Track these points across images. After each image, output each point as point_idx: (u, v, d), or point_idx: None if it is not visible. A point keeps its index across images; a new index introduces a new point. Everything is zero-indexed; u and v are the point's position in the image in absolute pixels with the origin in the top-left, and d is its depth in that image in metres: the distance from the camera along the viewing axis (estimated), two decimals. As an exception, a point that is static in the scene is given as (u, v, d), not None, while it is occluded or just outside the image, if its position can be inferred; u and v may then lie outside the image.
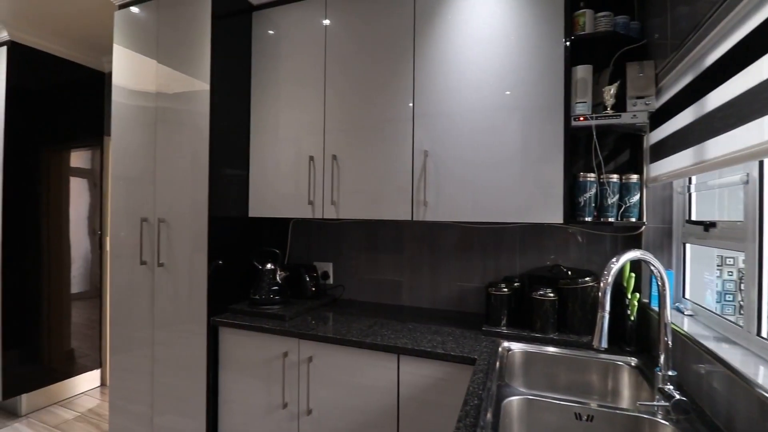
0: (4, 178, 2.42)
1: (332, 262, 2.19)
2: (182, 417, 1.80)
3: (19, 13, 2.30)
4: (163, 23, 1.87)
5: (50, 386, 2.68)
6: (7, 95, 2.42)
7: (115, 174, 1.98)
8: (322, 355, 1.56)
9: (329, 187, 1.80)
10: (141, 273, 1.89)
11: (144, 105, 1.91)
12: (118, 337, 1.97)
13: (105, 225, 2.97)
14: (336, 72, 1.81)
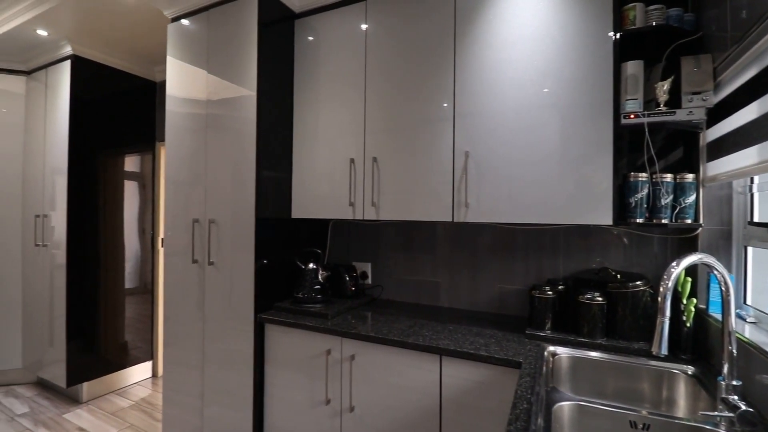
0: (69, 181, 2.62)
1: (370, 262, 2.23)
2: (230, 410, 1.88)
3: (81, 30, 2.49)
4: (213, 34, 1.97)
5: (107, 376, 2.87)
6: (71, 105, 2.62)
7: (169, 178, 2.11)
8: (364, 354, 1.59)
9: (369, 189, 1.83)
10: (193, 271, 1.99)
11: (195, 112, 2.02)
12: (170, 331, 2.09)
13: (156, 225, 3.15)
14: (376, 74, 1.84)
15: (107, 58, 2.81)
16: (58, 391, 2.84)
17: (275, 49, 1.95)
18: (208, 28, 1.99)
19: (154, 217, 3.15)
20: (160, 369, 3.17)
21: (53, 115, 2.73)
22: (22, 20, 2.37)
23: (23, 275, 2.93)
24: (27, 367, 2.94)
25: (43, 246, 2.77)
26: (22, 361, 2.95)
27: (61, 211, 2.65)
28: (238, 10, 1.89)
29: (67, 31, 2.50)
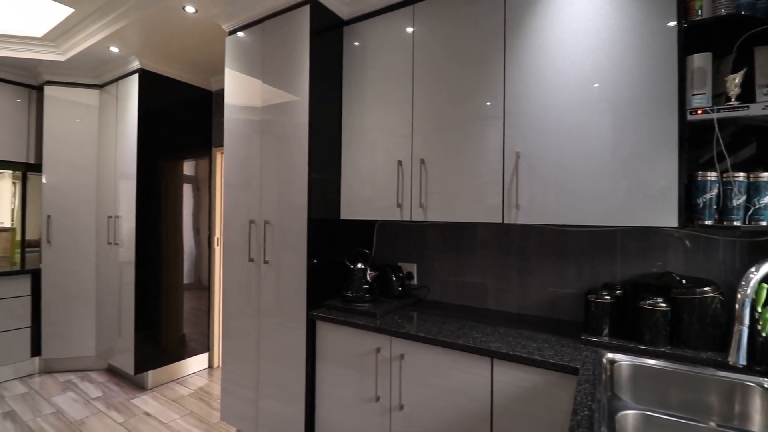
0: (137, 185, 2.85)
1: (416, 263, 2.25)
2: (283, 403, 1.97)
3: (147, 45, 2.70)
4: (267, 45, 2.07)
5: (168, 366, 3.09)
6: (139, 115, 2.86)
7: (227, 181, 2.24)
8: (413, 354, 1.61)
9: (417, 190, 1.85)
10: (249, 269, 2.11)
11: (250, 119, 2.13)
12: (228, 326, 2.22)
13: (213, 225, 3.35)
14: (423, 76, 1.85)
15: (169, 70, 3.03)
16: (126, 377, 3.10)
17: (325, 57, 2.02)
18: (263, 39, 2.10)
19: (211, 218, 3.35)
20: (216, 360, 3.37)
21: (123, 124, 2.98)
22: (97, 39, 2.61)
23: (97, 271, 3.22)
24: (99, 355, 3.23)
25: (115, 244, 3.03)
26: (95, 349, 3.24)
27: (130, 213, 2.89)
28: (291, 21, 1.98)
29: (136, 47, 2.72)
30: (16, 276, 3.04)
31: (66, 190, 3.18)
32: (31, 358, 3.14)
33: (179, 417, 2.55)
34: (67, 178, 3.18)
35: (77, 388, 2.94)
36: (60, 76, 3.17)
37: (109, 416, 2.54)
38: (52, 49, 2.94)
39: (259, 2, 2.06)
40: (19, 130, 3.29)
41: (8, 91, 3.22)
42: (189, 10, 2.22)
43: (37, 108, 3.33)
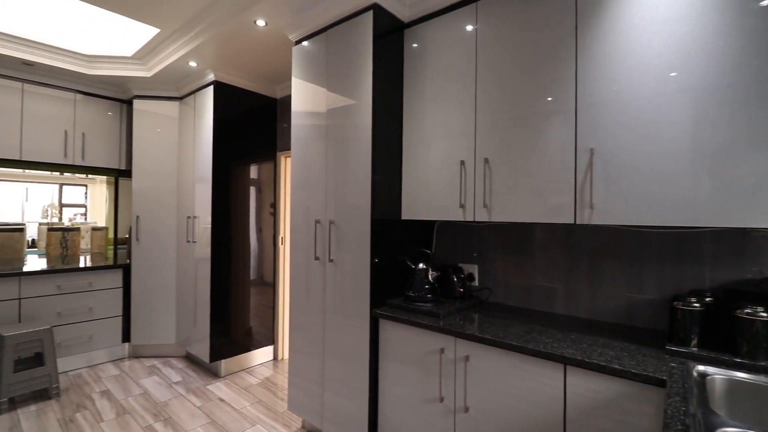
0: (212, 188, 3.09)
1: (477, 264, 2.21)
2: (347, 398, 2.04)
3: (221, 58, 2.92)
4: (331, 52, 2.16)
5: (238, 356, 3.31)
6: (214, 123, 3.09)
7: (294, 183, 2.36)
8: (479, 356, 1.59)
9: (481, 190, 1.82)
10: (314, 267, 2.21)
11: (316, 124, 2.23)
12: (295, 321, 2.34)
13: (278, 225, 3.54)
14: (487, 73, 1.82)
15: (239, 80, 3.25)
16: (202, 365, 3.36)
17: (386, 60, 2.05)
18: (327, 46, 2.18)
19: (276, 218, 3.54)
20: (280, 353, 3.55)
21: (199, 132, 3.25)
22: (178, 55, 2.87)
23: (177, 266, 3.54)
24: (179, 343, 3.54)
25: (193, 242, 3.31)
26: (175, 338, 3.56)
27: (206, 214, 3.14)
28: (354, 27, 2.04)
29: (211, 61, 2.95)
30: (110, 270, 3.43)
31: (151, 193, 3.53)
32: (122, 344, 3.52)
33: (249, 404, 2.72)
34: (153, 182, 3.53)
35: (160, 372, 3.25)
36: (146, 91, 3.52)
37: (188, 400, 2.78)
38: (140, 67, 3.28)
39: (325, 11, 2.14)
40: (112, 140, 3.71)
41: (103, 106, 3.64)
42: (260, 24, 2.36)
43: (127, 120, 3.73)
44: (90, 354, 3.33)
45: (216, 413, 2.60)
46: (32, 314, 3.01)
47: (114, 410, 2.62)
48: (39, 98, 3.29)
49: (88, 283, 3.28)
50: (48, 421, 2.46)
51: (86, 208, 9.43)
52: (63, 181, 9.09)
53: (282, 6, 2.18)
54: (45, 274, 3.07)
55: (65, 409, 2.61)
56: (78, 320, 3.23)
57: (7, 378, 2.58)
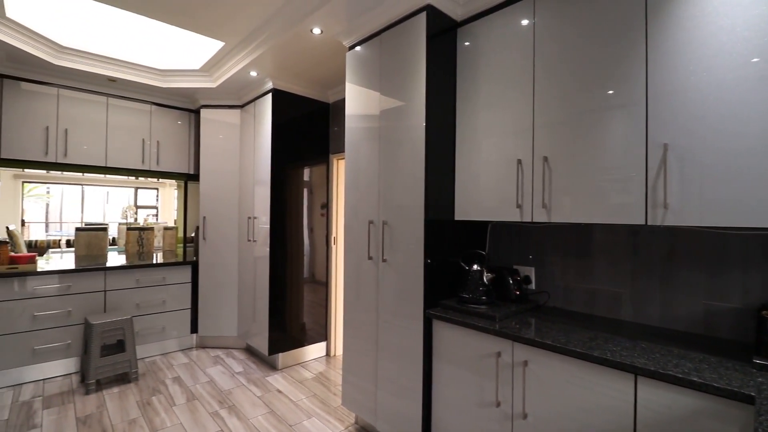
0: (271, 191, 3.26)
1: (534, 266, 2.14)
2: (400, 398, 2.06)
3: (279, 67, 3.07)
4: (384, 55, 2.19)
5: (293, 350, 3.46)
6: (272, 129, 3.26)
7: (348, 185, 2.43)
8: (539, 362, 1.54)
9: (540, 190, 1.76)
10: (368, 266, 2.25)
11: (369, 126, 2.28)
12: (348, 319, 2.40)
13: (330, 225, 3.65)
14: (546, 67, 1.76)
15: (295, 87, 3.40)
16: (261, 357, 3.55)
17: (439, 60, 2.05)
18: (380, 50, 2.22)
19: (328, 219, 3.66)
20: (333, 349, 3.66)
21: (259, 138, 3.44)
22: (240, 66, 3.06)
23: (238, 264, 3.77)
24: (240, 336, 3.76)
25: (253, 241, 3.51)
26: (237, 330, 3.79)
27: (265, 214, 3.32)
28: (407, 30, 2.06)
29: (270, 70, 3.12)
30: (181, 266, 3.72)
31: (216, 195, 3.79)
32: (190, 335, 3.81)
33: (305, 397, 2.83)
34: (217, 185, 3.79)
35: (224, 362, 3.48)
36: (212, 100, 3.79)
37: (249, 390, 2.95)
38: (206, 78, 3.54)
39: (378, 15, 2.18)
40: (182, 146, 4.03)
41: (174, 115, 3.97)
42: (316, 32, 2.46)
43: (195, 128, 4.04)
44: (163, 343, 3.64)
45: (275, 404, 2.73)
46: (115, 305, 3.35)
47: (184, 395, 2.85)
48: (120, 111, 3.65)
49: (162, 278, 3.59)
50: (129, 403, 2.73)
51: (157, 209, 10.33)
52: (137, 185, 10.03)
53: (338, 14, 2.25)
54: (126, 269, 3.41)
55: (143, 393, 2.88)
56: (153, 312, 3.55)
57: (95, 362, 2.89)
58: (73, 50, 3.11)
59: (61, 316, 3.10)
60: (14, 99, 3.14)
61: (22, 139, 3.18)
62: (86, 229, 3.95)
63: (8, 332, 2.89)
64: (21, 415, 2.52)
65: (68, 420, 2.48)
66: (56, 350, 3.08)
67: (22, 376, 2.97)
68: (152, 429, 2.40)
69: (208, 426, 2.44)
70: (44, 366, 3.05)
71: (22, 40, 2.80)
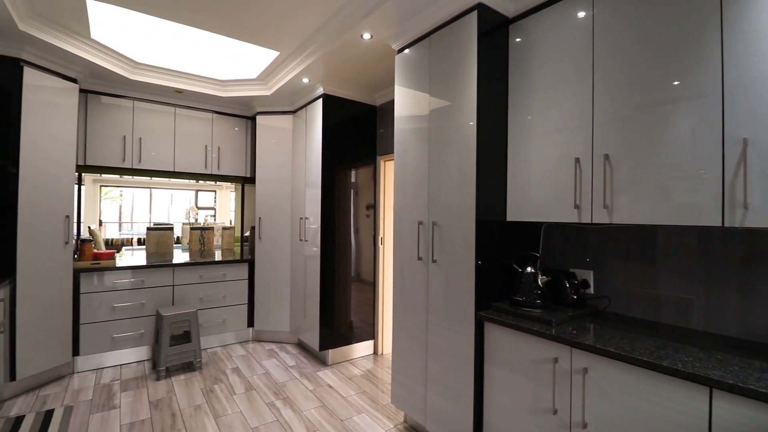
0: (322, 192, 3.38)
1: (593, 269, 2.04)
2: (451, 401, 2.05)
3: (329, 73, 3.17)
4: (434, 56, 2.20)
5: (342, 347, 3.55)
6: (323, 133, 3.38)
7: (396, 185, 2.46)
8: (600, 370, 1.47)
9: (600, 189, 1.68)
10: (417, 267, 2.27)
11: (418, 127, 2.29)
12: (398, 319, 2.43)
13: (378, 226, 3.71)
14: (606, 61, 1.67)
15: (344, 92, 3.49)
16: (312, 353, 3.69)
17: (491, 59, 2.02)
18: (430, 51, 2.23)
19: (375, 219, 3.72)
20: (380, 348, 3.71)
21: (310, 142, 3.58)
22: (294, 74, 3.20)
23: (291, 262, 3.94)
24: (292, 331, 3.93)
25: (305, 241, 3.65)
26: (289, 326, 3.96)
27: (316, 215, 3.45)
28: (458, 29, 2.05)
29: (321, 76, 3.23)
30: (239, 264, 3.96)
31: (271, 197, 3.99)
32: (247, 328, 4.03)
33: (355, 393, 2.90)
34: (271, 187, 3.99)
35: (278, 356, 3.65)
36: (266, 107, 4.00)
37: (302, 383, 3.08)
38: (262, 87, 3.73)
39: (428, 17, 2.19)
40: (239, 151, 4.28)
41: (231, 122, 4.23)
42: (365, 37, 2.52)
43: (251, 133, 4.28)
44: (222, 335, 3.89)
45: (326, 398, 2.83)
46: (182, 299, 3.63)
47: (243, 385, 3.02)
48: (186, 119, 3.95)
49: (222, 275, 3.84)
50: (194, 389, 2.94)
51: (215, 210, 11.01)
52: (198, 187, 10.77)
53: (388, 18, 2.29)
54: (191, 265, 3.68)
55: (206, 381, 3.10)
56: (214, 306, 3.80)
57: (165, 350, 3.15)
58: (146, 65, 3.42)
59: (136, 308, 3.41)
60: (96, 112, 3.50)
61: (104, 148, 3.54)
62: (156, 228, 4.31)
63: (92, 321, 3.23)
64: (103, 397, 2.81)
65: (142, 403, 2.73)
66: (131, 339, 3.39)
67: (103, 361, 3.30)
68: (215, 415, 2.58)
69: (265, 415, 2.58)
70: (121, 352, 3.37)
71: (104, 58, 3.12)
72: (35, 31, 2.59)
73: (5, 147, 2.72)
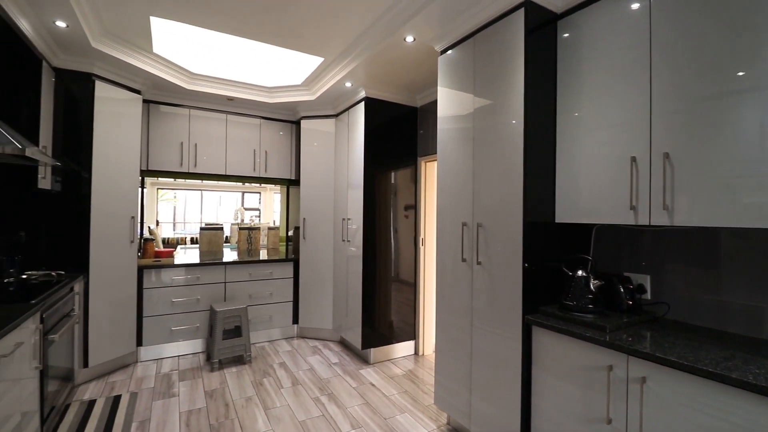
0: (364, 194, 3.44)
1: (649, 274, 1.94)
2: (495, 405, 2.02)
3: (371, 76, 3.22)
4: (478, 56, 2.18)
5: (383, 347, 3.59)
6: (365, 136, 3.44)
7: (440, 186, 2.46)
8: (659, 379, 1.40)
9: (659, 189, 1.59)
10: (461, 269, 2.26)
11: (462, 127, 2.28)
12: (441, 321, 2.43)
13: (418, 227, 3.72)
14: (665, 55, 1.58)
15: (385, 94, 3.53)
16: (354, 351, 3.76)
17: (538, 56, 1.97)
18: (474, 51, 2.21)
19: (416, 220, 3.73)
20: (421, 348, 3.72)
21: (352, 145, 3.65)
22: (337, 78, 3.28)
23: (333, 262, 4.04)
24: (334, 329, 4.03)
25: (347, 241, 3.73)
26: (332, 324, 4.06)
27: (358, 216, 3.52)
28: (504, 27, 2.02)
29: (363, 80, 3.29)
30: (285, 263, 4.12)
31: (314, 198, 4.11)
32: (292, 325, 4.18)
33: (397, 393, 2.93)
34: (315, 189, 4.11)
35: (321, 353, 3.75)
36: (310, 111, 4.13)
37: (345, 380, 3.15)
38: (306, 92, 3.86)
39: (472, 16, 2.18)
40: (284, 154, 4.44)
41: (277, 127, 4.40)
42: (408, 40, 2.54)
43: (295, 137, 4.43)
44: (269, 331, 4.06)
45: (369, 396, 2.88)
46: (233, 295, 3.83)
47: (290, 380, 3.14)
48: (236, 125, 4.17)
49: (269, 273, 4.01)
50: (245, 382, 3.10)
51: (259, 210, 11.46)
52: (244, 189, 11.27)
53: (432, 20, 2.30)
54: (241, 264, 3.88)
55: (256, 374, 3.25)
56: (262, 302, 3.98)
57: (218, 344, 3.34)
58: (201, 76, 3.64)
59: (192, 303, 3.64)
60: (157, 120, 3.78)
61: (163, 153, 3.81)
62: (208, 228, 4.58)
63: (153, 314, 3.49)
64: (163, 385, 3.03)
65: (198, 392, 2.91)
66: (188, 331, 3.63)
67: (162, 351, 3.55)
68: (265, 407, 2.70)
69: (311, 410, 2.67)
70: (179, 344, 3.61)
71: (164, 70, 3.36)
72: (106, 48, 2.84)
73: (79, 154, 3.00)
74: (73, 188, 2.98)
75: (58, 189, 2.92)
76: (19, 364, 1.77)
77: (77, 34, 2.59)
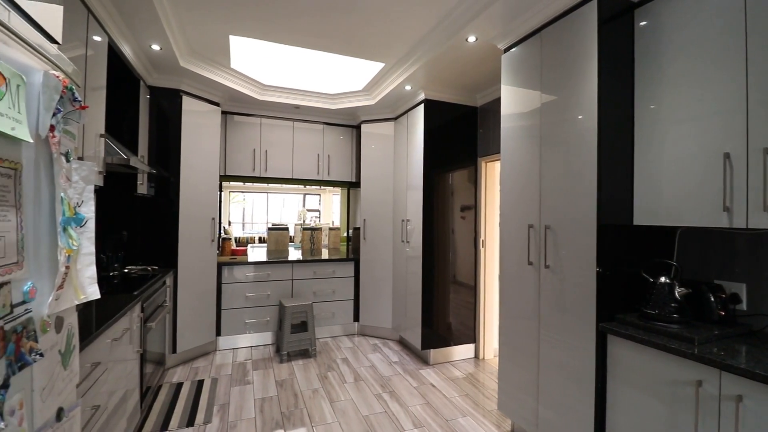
0: (423, 195, 3.47)
1: (745, 282, 1.74)
2: (566, 417, 1.94)
3: (430, 78, 3.24)
4: (545, 52, 2.11)
5: (442, 348, 3.58)
6: (424, 137, 3.46)
7: (503, 187, 2.41)
8: (758, 399, 1.26)
9: (759, 188, 1.44)
10: (528, 273, 2.20)
11: (528, 125, 2.22)
12: (505, 325, 2.38)
13: (478, 228, 3.66)
14: (764, 39, 1.43)
15: (444, 95, 3.53)
16: (413, 350, 3.79)
17: (613, 48, 1.87)
18: (541, 47, 2.14)
19: (477, 221, 3.68)
20: (481, 352, 3.65)
21: (412, 146, 3.69)
22: (397, 83, 3.34)
23: (393, 262, 4.11)
24: (393, 328, 4.09)
25: (406, 242, 3.78)
26: (391, 323, 4.13)
27: (417, 217, 3.55)
28: (574, 21, 1.94)
29: (422, 82, 3.32)
30: (346, 262, 4.27)
31: (374, 200, 4.22)
32: (353, 322, 4.32)
33: (458, 395, 2.92)
34: (374, 191, 4.22)
35: (381, 351, 3.84)
36: (370, 116, 4.24)
37: (406, 379, 3.19)
38: (366, 97, 3.97)
39: (538, 12, 2.11)
40: (346, 158, 4.61)
41: (338, 132, 4.57)
42: (470, 40, 2.52)
43: (355, 141, 4.58)
44: (332, 327, 4.23)
45: (429, 396, 2.90)
46: (299, 292, 4.05)
47: (352, 375, 3.26)
48: (302, 131, 4.41)
49: (332, 272, 4.18)
50: (311, 374, 3.27)
51: (319, 212, 11.94)
52: (305, 191, 11.80)
53: (494, 19, 2.26)
54: (306, 262, 4.09)
55: (321, 368, 3.41)
56: (325, 300, 4.16)
57: (287, 337, 3.55)
58: (271, 86, 3.90)
59: (263, 298, 3.91)
60: (233, 129, 4.12)
61: (239, 160, 4.14)
62: (275, 228, 4.87)
63: (230, 307, 3.80)
64: (239, 373, 3.29)
65: (270, 381, 3.12)
66: (259, 324, 3.90)
67: (237, 342, 3.86)
68: (330, 400, 2.83)
69: (374, 406, 2.75)
70: (252, 336, 3.90)
71: (240, 83, 3.65)
72: (191, 66, 3.16)
73: (168, 162, 3.36)
74: (164, 193, 3.35)
75: (152, 194, 3.30)
76: (125, 347, 2.04)
77: (168, 55, 2.91)
